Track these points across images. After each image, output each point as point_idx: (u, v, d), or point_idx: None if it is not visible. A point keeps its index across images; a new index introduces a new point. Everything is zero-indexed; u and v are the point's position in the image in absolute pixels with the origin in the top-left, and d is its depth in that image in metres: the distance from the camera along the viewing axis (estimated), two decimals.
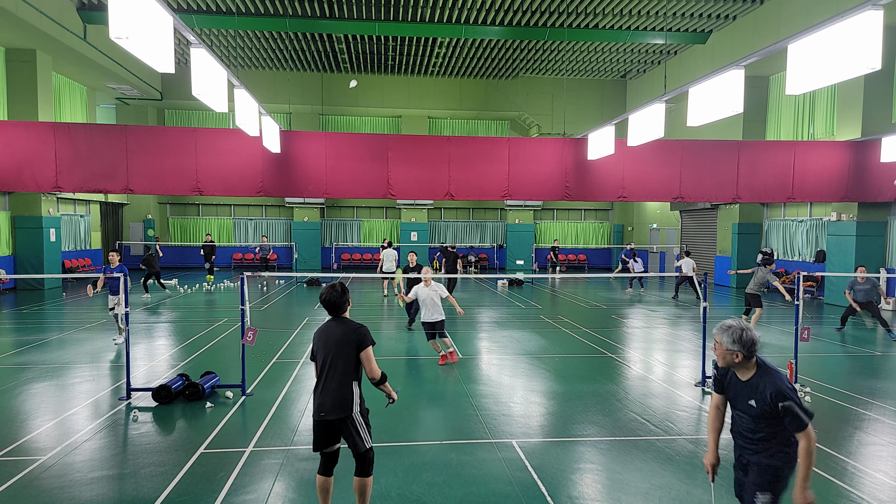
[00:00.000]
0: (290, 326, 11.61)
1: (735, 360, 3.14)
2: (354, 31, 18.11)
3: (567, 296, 17.81)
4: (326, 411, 3.74)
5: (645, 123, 11.31)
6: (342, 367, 3.78)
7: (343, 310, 3.93)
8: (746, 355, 3.12)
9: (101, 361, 8.62)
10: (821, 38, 6.35)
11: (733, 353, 3.12)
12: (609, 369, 8.45)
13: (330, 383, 3.77)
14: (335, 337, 3.83)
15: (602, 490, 4.61)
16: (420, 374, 8.17)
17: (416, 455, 5.18)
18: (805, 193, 15.19)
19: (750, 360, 3.15)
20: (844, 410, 6.63)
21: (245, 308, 6.96)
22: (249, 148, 13.77)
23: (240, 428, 5.93)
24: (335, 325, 3.90)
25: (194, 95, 8.13)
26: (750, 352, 3.11)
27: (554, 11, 17.68)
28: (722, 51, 18.52)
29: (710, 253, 22.27)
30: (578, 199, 15.30)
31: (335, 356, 3.78)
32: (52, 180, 13.27)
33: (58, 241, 18.48)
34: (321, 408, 3.75)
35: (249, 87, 13.86)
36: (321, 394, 3.78)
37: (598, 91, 26.30)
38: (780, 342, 10.48)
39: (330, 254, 27.05)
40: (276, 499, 4.40)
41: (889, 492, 4.59)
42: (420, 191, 14.69)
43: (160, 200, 26.65)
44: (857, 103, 15.20)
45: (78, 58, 17.65)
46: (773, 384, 3.04)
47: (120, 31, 5.44)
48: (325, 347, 3.83)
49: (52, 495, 4.40)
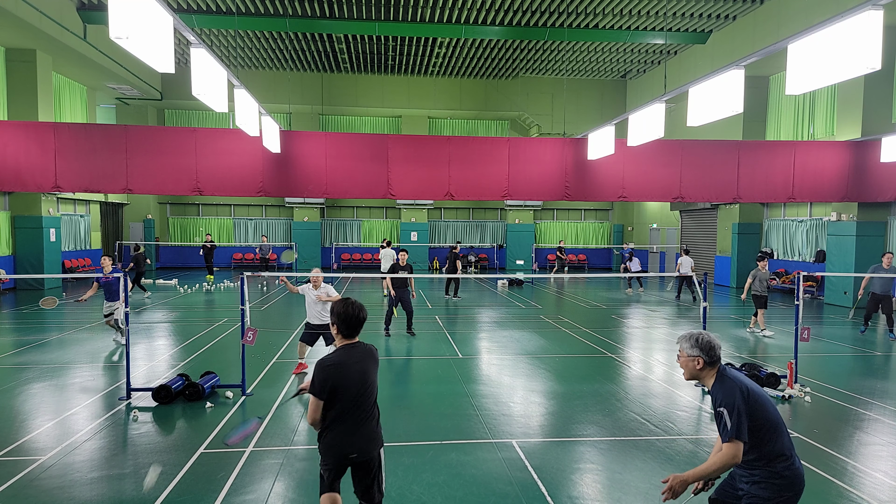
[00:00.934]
0: (290, 326, 11.61)
1: (697, 368, 2.98)
2: (354, 31, 18.11)
3: (567, 296, 17.81)
4: (362, 452, 3.29)
5: (645, 123, 11.31)
6: (374, 399, 3.38)
7: None
8: (707, 360, 2.95)
9: (101, 361, 8.62)
10: (821, 38, 6.35)
11: (694, 360, 2.97)
12: (609, 369, 8.45)
13: (366, 421, 3.31)
14: (359, 368, 3.30)
15: (602, 490, 4.61)
16: (420, 374, 8.16)
17: (416, 455, 5.18)
18: (805, 193, 15.19)
19: (713, 368, 2.97)
20: (844, 410, 6.63)
21: (245, 308, 6.96)
22: (249, 148, 13.77)
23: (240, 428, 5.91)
24: (352, 352, 3.35)
25: (194, 95, 8.13)
26: (710, 356, 2.94)
27: (554, 11, 17.68)
28: (722, 51, 18.52)
29: (710, 253, 22.27)
30: (578, 199, 15.30)
31: (367, 391, 3.30)
32: (52, 180, 13.27)
33: (58, 241, 18.48)
34: (357, 450, 3.27)
35: (249, 87, 13.87)
36: (355, 434, 3.26)
37: (598, 91, 26.30)
38: (780, 342, 10.48)
39: (330, 254, 27.05)
40: (276, 499, 4.40)
41: (889, 492, 4.59)
42: (420, 191, 14.69)
43: (160, 200, 26.64)
44: (857, 103, 15.21)
45: (78, 58, 17.64)
46: (720, 390, 2.88)
47: (120, 31, 5.44)
48: (349, 381, 3.24)
49: (52, 495, 4.40)
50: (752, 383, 2.94)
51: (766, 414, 2.84)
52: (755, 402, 2.84)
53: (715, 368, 2.98)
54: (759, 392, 2.90)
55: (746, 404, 2.80)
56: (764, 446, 2.84)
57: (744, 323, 12.52)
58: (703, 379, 3.01)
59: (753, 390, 2.88)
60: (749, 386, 2.89)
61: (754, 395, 2.85)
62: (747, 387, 2.87)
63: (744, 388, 2.84)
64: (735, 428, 2.76)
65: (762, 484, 2.87)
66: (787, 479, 2.85)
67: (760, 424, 2.82)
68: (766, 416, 2.84)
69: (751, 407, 2.81)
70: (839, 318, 13.29)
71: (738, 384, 2.86)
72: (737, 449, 2.76)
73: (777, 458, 2.84)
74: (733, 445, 2.76)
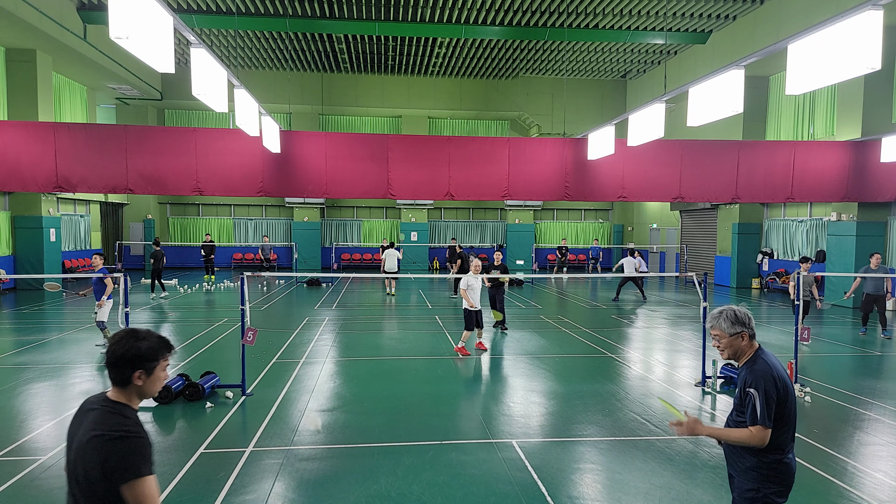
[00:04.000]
0: (290, 326, 11.61)
1: (742, 343, 2.91)
2: (354, 31, 18.11)
3: (567, 295, 17.81)
4: None
5: (645, 123, 11.31)
6: None
7: None
8: (751, 334, 2.91)
9: (101, 361, 8.62)
10: (821, 38, 6.34)
11: (739, 336, 2.90)
12: (609, 369, 8.45)
13: None
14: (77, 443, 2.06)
15: (602, 490, 4.61)
16: (420, 374, 8.16)
17: (416, 455, 5.18)
18: (805, 193, 15.18)
19: (753, 340, 2.94)
20: (844, 410, 6.63)
21: (245, 308, 6.96)
22: (249, 148, 13.76)
23: (240, 428, 5.93)
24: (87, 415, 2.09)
25: (194, 95, 8.13)
26: (752, 328, 2.90)
27: (554, 11, 17.68)
28: (722, 51, 18.52)
29: (710, 253, 22.27)
30: (578, 199, 15.29)
31: None
32: (52, 180, 13.27)
33: (58, 241, 18.48)
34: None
35: (249, 87, 13.87)
36: None
37: (598, 91, 26.30)
38: (781, 342, 10.48)
39: (330, 254, 27.04)
40: (276, 499, 4.40)
41: (889, 492, 4.59)
42: (420, 191, 14.69)
43: (160, 200, 26.64)
44: (857, 103, 15.20)
45: (78, 58, 17.64)
46: (753, 371, 2.85)
47: (120, 31, 5.44)
48: None
49: (52, 495, 4.40)
50: (783, 371, 2.91)
51: (787, 406, 2.83)
52: (783, 392, 2.82)
53: (755, 342, 2.96)
54: (788, 383, 2.87)
55: (777, 392, 2.80)
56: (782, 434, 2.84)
57: None
58: (743, 355, 2.96)
59: (783, 380, 2.86)
60: (782, 374, 2.87)
61: (783, 386, 2.84)
62: (781, 375, 2.85)
63: (777, 376, 2.83)
64: (764, 414, 2.75)
65: (751, 473, 2.87)
66: (775, 471, 2.84)
67: (779, 415, 2.81)
68: (786, 409, 2.83)
69: (780, 396, 2.80)
70: (839, 318, 13.29)
71: (772, 370, 2.84)
72: (765, 434, 2.76)
73: (773, 450, 2.84)
74: (763, 431, 2.76)
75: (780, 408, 2.81)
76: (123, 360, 2.08)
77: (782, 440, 2.85)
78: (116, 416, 2.03)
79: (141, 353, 2.09)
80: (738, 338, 2.92)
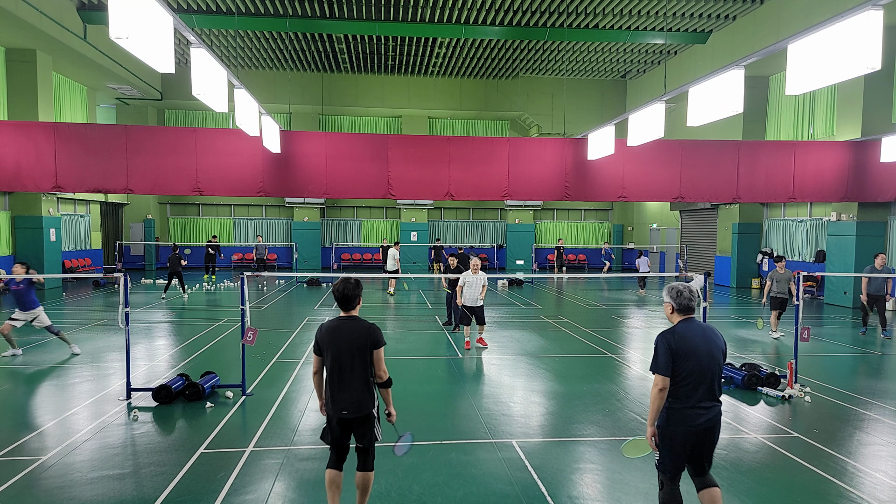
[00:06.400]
0: (290, 326, 11.61)
1: (668, 313, 3.66)
2: (354, 31, 18.11)
3: (567, 295, 17.81)
4: (350, 410, 3.73)
5: (645, 123, 11.31)
6: (360, 367, 3.75)
7: (355, 305, 3.88)
8: (676, 307, 3.57)
9: (101, 361, 8.61)
10: (821, 38, 6.35)
11: (668, 305, 3.64)
12: (609, 369, 8.45)
13: (351, 383, 3.74)
14: (348, 336, 3.76)
15: (602, 490, 4.61)
16: (420, 374, 8.16)
17: (416, 455, 5.18)
18: (805, 193, 15.19)
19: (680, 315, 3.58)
20: (844, 410, 6.63)
21: (245, 308, 6.96)
22: (249, 148, 13.77)
23: (240, 428, 5.93)
24: (346, 323, 3.82)
25: (194, 95, 8.13)
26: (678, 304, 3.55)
27: (554, 11, 17.68)
28: (722, 51, 18.52)
29: (711, 253, 22.27)
30: (578, 199, 15.30)
31: (351, 357, 3.73)
32: (52, 180, 13.27)
33: (58, 241, 18.48)
34: (344, 406, 3.73)
35: (249, 87, 13.86)
36: (341, 392, 3.74)
37: (598, 91, 26.30)
38: (781, 342, 10.48)
39: (330, 254, 27.04)
40: (276, 499, 4.40)
41: (889, 492, 4.59)
42: (420, 191, 14.69)
43: (160, 200, 26.64)
44: (857, 103, 15.20)
45: (78, 58, 17.65)
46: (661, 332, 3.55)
47: (120, 31, 5.44)
48: (337, 345, 3.74)
49: (52, 495, 4.41)
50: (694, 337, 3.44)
51: (683, 364, 3.39)
52: (678, 351, 3.40)
53: (682, 316, 3.56)
54: (686, 346, 3.40)
55: (669, 349, 3.41)
56: (674, 387, 3.43)
57: (744, 323, 12.52)
58: (671, 323, 3.62)
59: (683, 341, 3.41)
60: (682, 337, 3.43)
61: (678, 346, 3.41)
62: (682, 338, 3.43)
63: (674, 339, 3.43)
64: (653, 363, 3.46)
65: (664, 413, 3.50)
66: (672, 415, 3.45)
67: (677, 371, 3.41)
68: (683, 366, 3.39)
69: (674, 353, 3.40)
70: (839, 318, 13.29)
71: (672, 333, 3.46)
72: (658, 379, 3.41)
73: (676, 399, 3.43)
74: (655, 377, 3.43)
75: (678, 363, 3.40)
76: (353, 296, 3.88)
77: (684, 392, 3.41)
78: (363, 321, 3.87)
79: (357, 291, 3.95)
80: (667, 306, 3.66)
